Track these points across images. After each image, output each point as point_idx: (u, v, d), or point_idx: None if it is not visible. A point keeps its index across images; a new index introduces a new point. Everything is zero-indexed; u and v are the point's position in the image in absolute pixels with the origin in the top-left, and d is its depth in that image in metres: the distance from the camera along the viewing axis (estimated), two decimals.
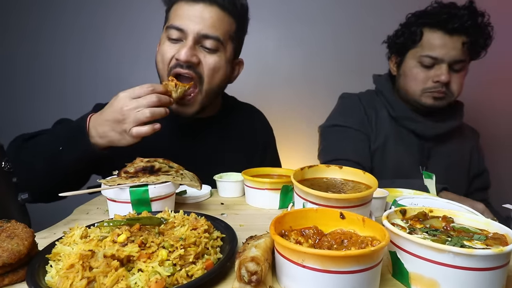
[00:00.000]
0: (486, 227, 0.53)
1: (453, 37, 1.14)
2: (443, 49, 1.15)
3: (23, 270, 0.49)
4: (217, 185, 0.99)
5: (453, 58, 1.15)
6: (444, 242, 0.47)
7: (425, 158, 1.25)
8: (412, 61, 1.23)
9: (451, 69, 1.17)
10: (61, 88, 2.00)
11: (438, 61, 1.17)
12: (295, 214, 0.55)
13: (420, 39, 1.20)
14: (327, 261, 0.41)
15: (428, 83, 1.20)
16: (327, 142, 1.34)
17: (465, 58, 1.17)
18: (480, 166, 1.33)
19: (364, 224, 0.52)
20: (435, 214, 0.59)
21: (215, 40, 0.98)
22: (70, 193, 0.70)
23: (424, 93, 1.22)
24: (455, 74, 1.18)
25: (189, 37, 0.97)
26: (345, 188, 0.66)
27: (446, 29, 1.15)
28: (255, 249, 0.47)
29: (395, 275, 0.51)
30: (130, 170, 0.79)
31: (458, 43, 1.14)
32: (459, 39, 1.14)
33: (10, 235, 0.50)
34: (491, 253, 0.42)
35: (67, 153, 0.88)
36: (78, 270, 0.43)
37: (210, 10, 0.97)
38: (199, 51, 0.99)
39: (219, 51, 1.01)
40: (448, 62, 1.16)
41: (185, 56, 0.95)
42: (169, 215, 0.62)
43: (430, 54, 1.17)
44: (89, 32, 1.94)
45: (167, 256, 0.47)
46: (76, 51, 1.96)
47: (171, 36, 0.99)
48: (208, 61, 1.00)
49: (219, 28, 0.99)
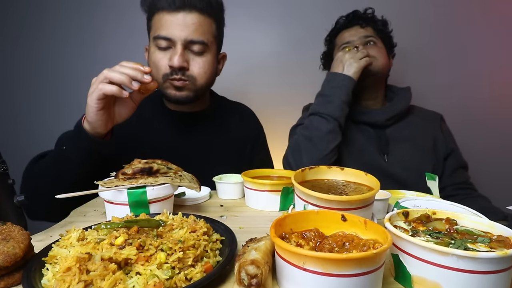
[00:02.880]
0: (490, 229, 0.53)
1: (353, 26, 1.39)
2: (350, 36, 1.38)
3: (19, 273, 0.49)
4: (217, 187, 0.99)
5: (360, 36, 1.36)
6: (447, 244, 0.47)
7: (384, 146, 1.32)
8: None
9: (366, 45, 1.37)
10: (58, 88, 2.01)
11: (351, 43, 1.37)
12: (295, 216, 0.55)
13: (334, 46, 1.45)
14: (328, 264, 0.41)
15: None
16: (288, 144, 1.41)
17: (372, 35, 1.37)
18: (448, 146, 1.35)
19: (366, 227, 0.52)
20: (438, 216, 0.59)
21: (201, 44, 1.07)
22: (67, 195, 0.70)
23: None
24: (370, 48, 1.34)
25: (178, 44, 1.04)
26: (347, 190, 0.66)
27: (345, 26, 1.41)
28: (255, 252, 0.47)
29: (398, 278, 0.51)
30: (128, 172, 0.79)
31: (357, 29, 1.38)
32: (357, 26, 1.39)
33: (6, 237, 0.50)
34: (495, 256, 0.42)
35: (71, 150, 0.90)
36: (75, 273, 0.43)
37: (191, 16, 1.04)
38: (188, 55, 1.08)
39: (205, 52, 1.10)
40: (358, 41, 1.36)
41: (178, 63, 1.04)
42: (167, 217, 0.62)
43: (342, 43, 1.39)
44: (87, 31, 1.95)
45: (166, 259, 0.47)
46: (74, 50, 1.96)
47: (160, 45, 1.06)
48: (197, 64, 1.09)
49: (202, 32, 1.07)
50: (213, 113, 1.27)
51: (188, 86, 1.10)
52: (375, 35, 1.38)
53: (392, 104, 1.37)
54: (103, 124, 0.88)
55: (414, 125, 1.37)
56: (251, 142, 1.32)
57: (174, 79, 1.07)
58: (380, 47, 1.37)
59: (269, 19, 1.91)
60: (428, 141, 1.34)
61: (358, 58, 1.25)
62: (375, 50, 1.35)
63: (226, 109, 1.32)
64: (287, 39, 1.92)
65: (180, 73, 1.06)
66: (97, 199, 0.93)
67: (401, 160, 1.29)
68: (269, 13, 1.90)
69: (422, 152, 1.32)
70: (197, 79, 1.10)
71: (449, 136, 1.39)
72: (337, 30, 1.43)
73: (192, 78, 1.09)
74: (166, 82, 1.09)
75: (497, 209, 1.08)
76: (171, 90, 1.10)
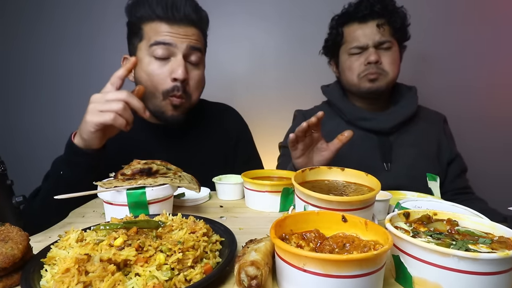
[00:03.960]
0: (492, 230, 0.53)
1: (368, 23, 1.26)
2: (364, 37, 1.26)
3: (18, 274, 0.49)
4: (216, 188, 0.99)
5: (376, 40, 1.25)
6: (448, 245, 0.47)
7: (387, 153, 1.28)
8: (344, 56, 1.33)
9: (380, 49, 1.27)
10: (53, 89, 2.01)
11: (364, 48, 1.27)
12: (296, 217, 0.55)
13: (342, 37, 1.32)
14: (328, 265, 0.41)
15: (361, 67, 1.28)
16: (278, 162, 1.41)
17: (388, 39, 1.26)
18: (452, 151, 1.32)
19: (367, 227, 0.52)
20: (439, 217, 0.59)
21: (199, 51, 1.08)
22: (66, 196, 0.70)
23: (360, 79, 1.29)
24: (384, 53, 1.27)
25: (179, 53, 1.04)
26: (347, 191, 0.67)
27: (359, 19, 1.27)
28: (255, 253, 0.47)
29: (398, 279, 0.51)
30: (127, 172, 0.79)
31: (373, 27, 1.25)
32: (373, 23, 1.25)
33: (4, 238, 0.50)
34: (497, 257, 0.42)
35: (68, 172, 0.89)
36: (74, 274, 0.43)
37: (191, 29, 1.06)
38: (187, 66, 1.07)
39: (200, 64, 1.11)
40: (373, 45, 1.25)
41: (183, 75, 1.03)
42: (167, 218, 0.62)
43: (355, 45, 1.27)
44: (83, 32, 1.95)
45: (165, 260, 0.47)
46: (68, 51, 1.97)
47: (157, 54, 1.03)
48: (193, 76, 1.09)
49: (197, 42, 1.08)
50: (195, 120, 1.25)
51: (184, 104, 1.09)
52: (392, 35, 1.27)
53: (397, 109, 1.31)
54: (98, 141, 0.88)
55: (419, 130, 1.31)
56: (234, 140, 1.32)
57: (174, 96, 1.06)
58: (394, 51, 1.28)
59: (269, 17, 1.91)
60: (433, 146, 1.30)
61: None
62: (388, 59, 1.26)
63: (206, 113, 1.31)
64: (288, 36, 1.92)
65: (181, 88, 1.05)
66: (96, 200, 0.93)
67: (405, 167, 1.24)
68: (269, 11, 1.91)
69: (427, 160, 1.27)
70: (192, 96, 1.11)
71: (451, 139, 1.36)
72: (347, 18, 1.30)
73: (188, 96, 1.09)
74: (166, 100, 1.06)
75: (495, 211, 1.07)
76: (169, 110, 1.08)
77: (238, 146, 1.33)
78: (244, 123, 1.41)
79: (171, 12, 1.03)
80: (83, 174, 0.87)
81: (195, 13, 1.07)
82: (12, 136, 2.03)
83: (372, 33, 1.24)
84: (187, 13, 1.04)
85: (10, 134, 2.03)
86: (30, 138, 2.05)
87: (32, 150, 2.00)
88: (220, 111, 1.36)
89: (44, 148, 1.04)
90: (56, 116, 1.99)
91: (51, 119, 2.01)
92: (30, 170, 1.46)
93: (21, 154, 1.95)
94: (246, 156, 1.35)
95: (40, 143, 2.00)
